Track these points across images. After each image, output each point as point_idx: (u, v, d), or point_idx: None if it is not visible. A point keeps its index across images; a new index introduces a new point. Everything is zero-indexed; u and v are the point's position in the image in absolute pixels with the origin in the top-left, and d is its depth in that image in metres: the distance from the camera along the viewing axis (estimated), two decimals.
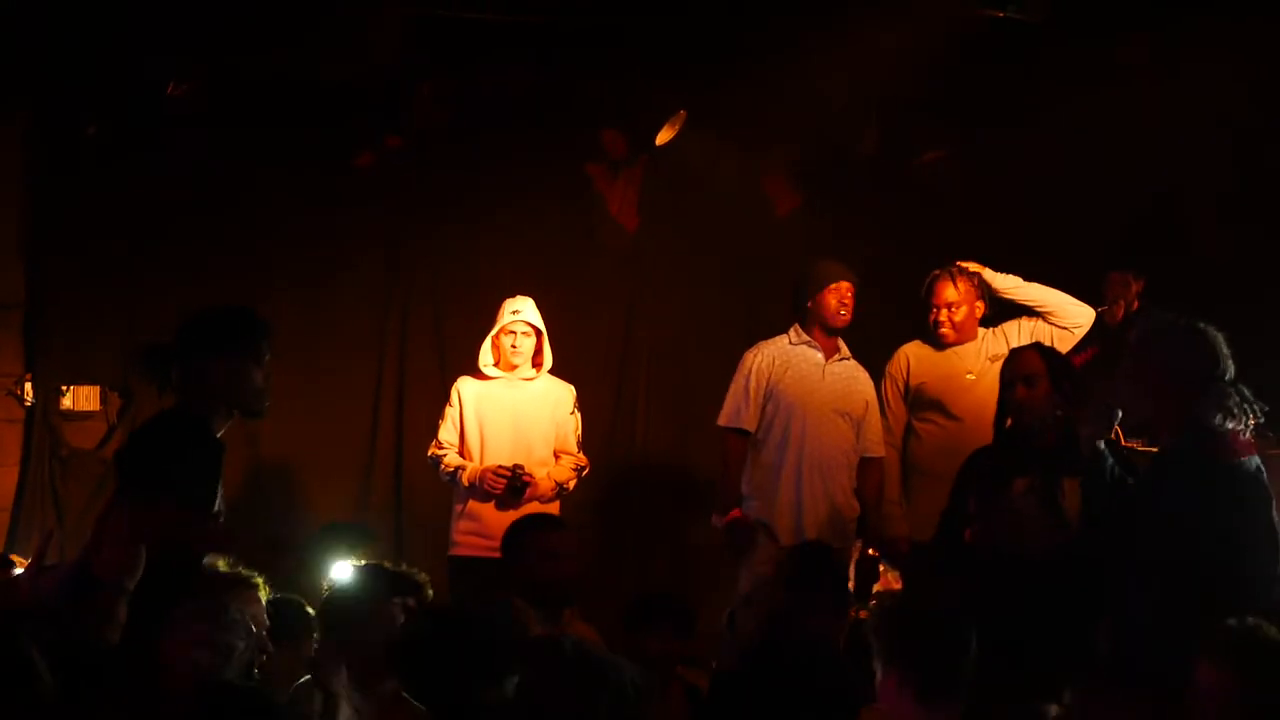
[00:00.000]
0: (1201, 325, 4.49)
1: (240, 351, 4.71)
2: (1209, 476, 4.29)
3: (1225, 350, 4.41)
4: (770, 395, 7.00)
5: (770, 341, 7.12)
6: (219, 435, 4.74)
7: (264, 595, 4.92)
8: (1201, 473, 4.29)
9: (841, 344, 7.10)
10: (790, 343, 7.07)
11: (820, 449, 6.94)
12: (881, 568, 7.04)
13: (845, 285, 7.00)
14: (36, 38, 7.25)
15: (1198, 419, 4.31)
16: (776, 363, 7.02)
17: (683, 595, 6.66)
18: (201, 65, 7.56)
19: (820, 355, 7.03)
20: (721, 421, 7.12)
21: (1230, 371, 4.36)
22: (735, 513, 6.94)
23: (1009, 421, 5.74)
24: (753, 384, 7.04)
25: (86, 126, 7.69)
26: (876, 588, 6.92)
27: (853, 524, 7.03)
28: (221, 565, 4.97)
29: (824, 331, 7.02)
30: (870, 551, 6.96)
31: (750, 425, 7.03)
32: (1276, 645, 3.71)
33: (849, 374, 7.07)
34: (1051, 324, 6.90)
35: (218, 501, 4.70)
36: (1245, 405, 4.32)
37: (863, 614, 6.59)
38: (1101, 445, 4.64)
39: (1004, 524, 5.23)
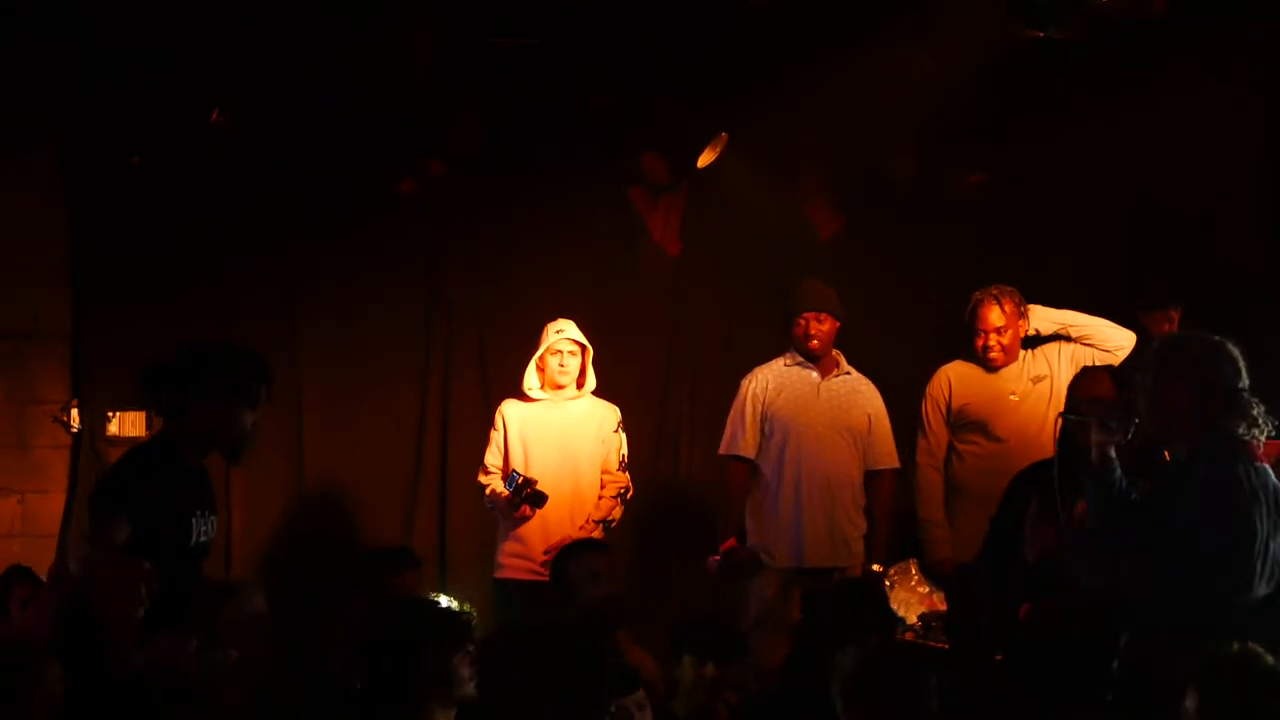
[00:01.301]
0: (1221, 339, 4.54)
1: (230, 394, 4.70)
2: (1234, 472, 4.31)
3: (1244, 363, 4.47)
4: (766, 419, 7.09)
5: (766, 366, 7.21)
6: (197, 465, 4.73)
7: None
8: (1227, 470, 4.32)
9: (841, 359, 7.16)
10: (785, 365, 7.15)
11: (818, 468, 6.98)
12: (927, 588, 7.01)
13: (812, 315, 7.03)
14: (76, 67, 7.30)
15: (1222, 428, 4.37)
16: (770, 386, 7.10)
17: (727, 621, 6.68)
18: (242, 94, 7.60)
19: (815, 374, 7.09)
20: (721, 450, 7.19)
21: (1247, 382, 4.44)
22: (730, 542, 6.99)
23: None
24: (748, 410, 7.13)
25: (130, 155, 7.74)
26: (923, 609, 6.89)
27: (858, 542, 7.05)
28: None
29: (805, 356, 7.06)
30: (875, 568, 6.95)
31: (748, 451, 7.12)
32: (1268, 676, 3.69)
33: (849, 389, 7.12)
34: (1093, 348, 6.87)
35: (200, 531, 4.67)
36: (1266, 417, 4.41)
37: (908, 635, 6.62)
38: (1113, 453, 4.64)
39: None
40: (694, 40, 7.56)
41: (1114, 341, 6.89)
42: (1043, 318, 7.05)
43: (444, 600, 6.00)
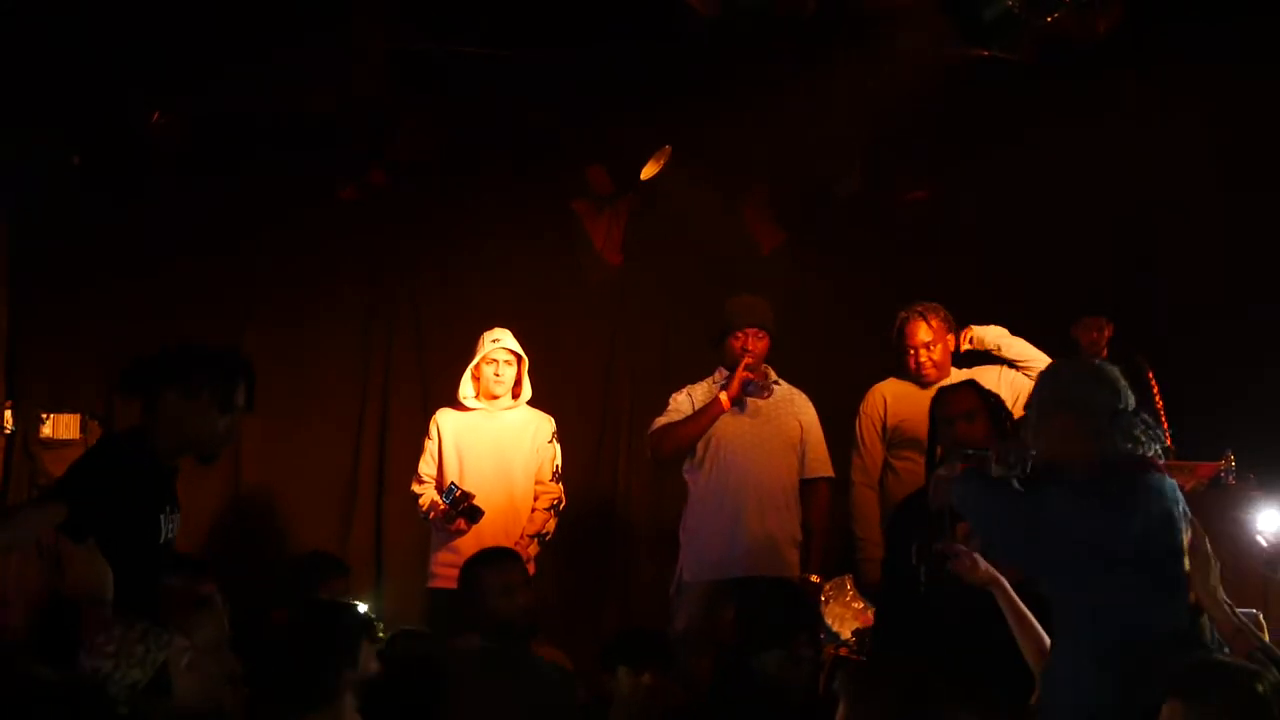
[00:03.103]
0: (1099, 363, 4.58)
1: (207, 393, 4.61)
2: (1128, 483, 4.28)
3: (1125, 383, 4.43)
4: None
5: (696, 385, 7.15)
6: (171, 464, 4.69)
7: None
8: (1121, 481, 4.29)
9: (770, 371, 7.11)
10: (714, 382, 7.09)
11: (747, 479, 6.92)
12: (862, 604, 7.03)
13: (752, 331, 7.00)
14: (18, 66, 7.24)
15: (1109, 449, 4.33)
16: (697, 401, 7.05)
17: (662, 632, 6.68)
18: (186, 97, 7.56)
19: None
20: (652, 428, 7.15)
21: (1131, 403, 4.40)
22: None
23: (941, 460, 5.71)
24: (676, 411, 7.08)
25: (71, 156, 7.68)
26: (857, 624, 6.90)
27: (790, 550, 6.97)
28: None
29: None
30: (813, 579, 6.94)
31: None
32: (1242, 675, 3.73)
33: (779, 398, 7.06)
34: (1030, 378, 6.86)
35: (167, 529, 4.63)
36: (1151, 432, 4.36)
37: (842, 651, 6.63)
38: (1016, 484, 4.66)
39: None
40: (639, 53, 7.57)
41: None
42: (993, 339, 7.06)
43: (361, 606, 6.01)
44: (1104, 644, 4.16)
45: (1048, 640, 4.52)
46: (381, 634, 5.34)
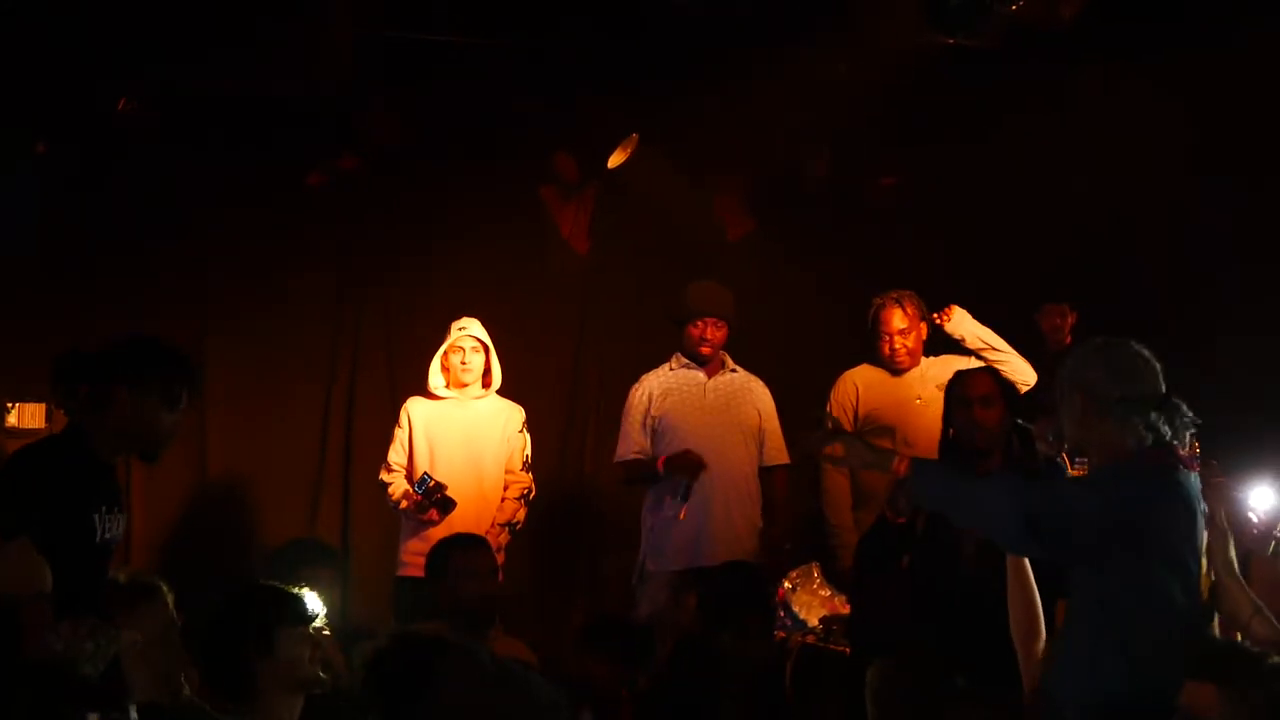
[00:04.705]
0: (1132, 346, 4.23)
1: (155, 389, 4.57)
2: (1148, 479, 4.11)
3: (1155, 367, 4.17)
4: (657, 425, 7.05)
5: (652, 373, 7.19)
6: (110, 462, 4.64)
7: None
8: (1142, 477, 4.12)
9: (727, 358, 7.14)
10: (671, 369, 7.12)
11: (713, 473, 6.92)
12: (829, 592, 7.04)
13: (711, 320, 7.01)
14: None
15: (1131, 442, 4.12)
16: (656, 393, 7.08)
17: (632, 620, 6.69)
18: (152, 83, 7.51)
19: (701, 374, 7.09)
20: (615, 458, 7.19)
21: (1159, 389, 4.14)
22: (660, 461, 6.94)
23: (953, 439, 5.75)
24: (635, 418, 7.12)
25: (35, 144, 7.63)
26: (824, 612, 6.91)
27: (752, 539, 7.00)
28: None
29: (693, 360, 7.04)
30: (786, 546, 6.98)
31: (643, 453, 7.09)
32: (1257, 657, 3.73)
33: (737, 386, 7.11)
34: (1004, 372, 6.87)
35: (104, 528, 4.58)
36: (1180, 420, 4.12)
37: (809, 639, 6.65)
38: (1060, 461, 4.61)
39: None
40: (608, 40, 7.56)
41: (1022, 375, 6.89)
42: (969, 328, 7.07)
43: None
44: (1125, 630, 4.04)
45: (1042, 620, 4.48)
46: (322, 623, 5.23)
